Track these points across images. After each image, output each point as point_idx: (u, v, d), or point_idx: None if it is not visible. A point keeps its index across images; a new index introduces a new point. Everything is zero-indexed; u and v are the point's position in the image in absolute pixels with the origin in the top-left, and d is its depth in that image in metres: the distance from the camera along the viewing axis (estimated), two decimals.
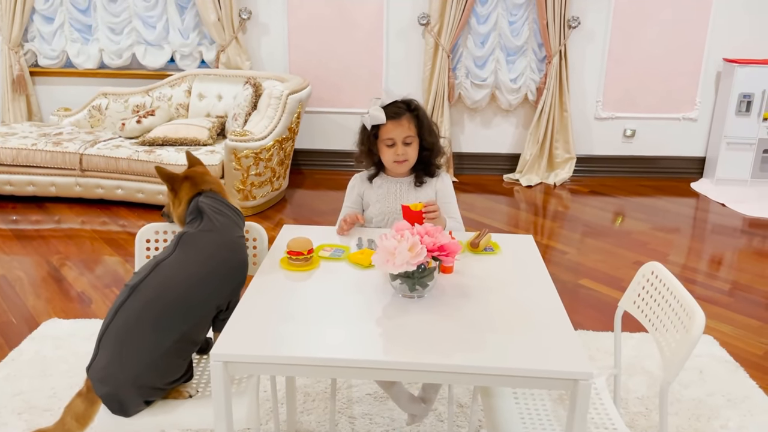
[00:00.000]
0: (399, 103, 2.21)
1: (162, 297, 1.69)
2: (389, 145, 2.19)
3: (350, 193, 2.35)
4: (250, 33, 5.23)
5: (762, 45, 5.14)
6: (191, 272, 1.75)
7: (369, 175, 2.32)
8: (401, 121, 2.18)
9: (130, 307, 1.67)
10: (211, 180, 2.02)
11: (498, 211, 4.70)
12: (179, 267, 1.76)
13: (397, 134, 2.18)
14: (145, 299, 1.68)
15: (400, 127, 2.17)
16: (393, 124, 2.17)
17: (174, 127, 4.60)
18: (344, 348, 1.51)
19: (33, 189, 4.55)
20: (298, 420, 2.36)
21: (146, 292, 1.69)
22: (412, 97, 2.26)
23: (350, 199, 2.35)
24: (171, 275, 1.73)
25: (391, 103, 2.20)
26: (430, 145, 2.24)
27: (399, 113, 2.18)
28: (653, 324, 1.75)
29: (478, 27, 5.11)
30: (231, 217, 1.93)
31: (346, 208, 2.34)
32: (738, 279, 3.62)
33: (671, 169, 5.50)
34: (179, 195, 1.98)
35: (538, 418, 1.76)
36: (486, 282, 1.84)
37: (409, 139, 2.19)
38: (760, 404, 2.49)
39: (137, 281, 1.72)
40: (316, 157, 5.53)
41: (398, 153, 2.19)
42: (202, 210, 1.90)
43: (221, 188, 2.03)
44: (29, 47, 5.32)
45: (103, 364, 1.65)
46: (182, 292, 1.71)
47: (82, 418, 1.68)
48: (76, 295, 3.30)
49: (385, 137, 2.19)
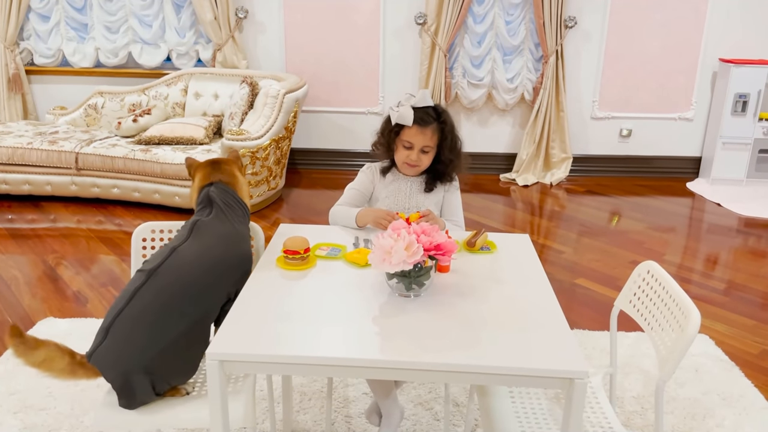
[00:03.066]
0: (430, 110, 2.17)
1: (177, 282, 1.70)
2: (406, 147, 2.19)
3: (362, 177, 2.32)
4: (247, 32, 5.23)
5: (758, 45, 5.16)
6: (205, 259, 1.77)
7: (382, 167, 2.30)
8: (426, 129, 2.15)
9: (147, 292, 1.68)
10: (225, 170, 2.03)
11: (494, 210, 4.71)
12: (195, 252, 1.78)
13: (418, 141, 2.16)
14: (163, 283, 1.69)
15: (422, 135, 2.15)
16: (417, 129, 2.15)
17: (170, 126, 4.59)
18: (341, 347, 1.51)
19: (29, 188, 4.54)
20: (295, 419, 2.36)
21: (164, 277, 1.70)
22: (445, 108, 2.23)
23: (360, 182, 2.31)
24: (188, 260, 1.75)
25: (423, 107, 2.16)
26: (447, 160, 2.23)
27: (427, 121, 2.15)
28: (649, 323, 1.76)
29: (474, 26, 5.11)
30: (237, 210, 1.96)
31: (351, 189, 2.31)
32: (733, 278, 3.63)
33: (667, 168, 5.52)
34: (194, 182, 2.05)
35: (534, 417, 1.77)
36: (482, 281, 1.84)
37: (427, 149, 2.18)
38: (756, 403, 2.50)
39: (155, 266, 1.73)
40: (313, 156, 5.52)
41: (412, 158, 2.19)
42: (213, 200, 1.94)
43: (234, 180, 2.03)
44: (25, 46, 5.31)
45: (114, 349, 1.64)
46: (197, 278, 1.73)
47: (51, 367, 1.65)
48: (72, 295, 3.29)
49: (405, 139, 2.17)
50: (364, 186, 2.31)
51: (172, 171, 4.28)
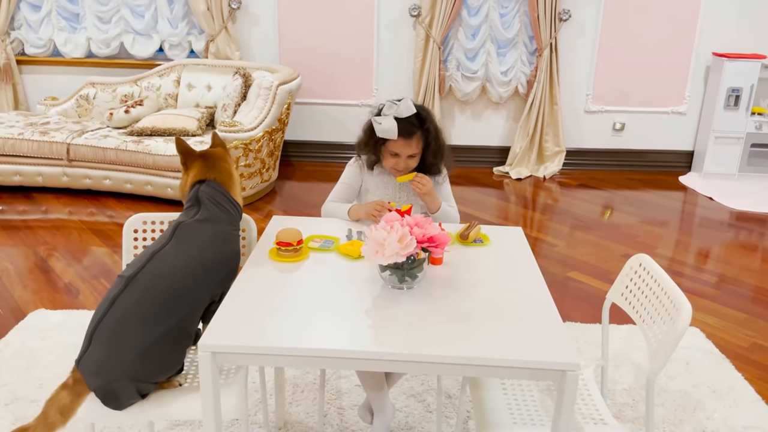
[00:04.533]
0: (414, 119, 2.14)
1: (157, 287, 1.68)
2: (393, 155, 2.19)
3: (349, 170, 2.33)
4: (240, 23, 5.20)
5: (751, 40, 5.17)
6: (186, 262, 1.74)
7: (369, 161, 2.30)
8: (411, 140, 2.15)
9: (126, 299, 1.66)
10: (221, 168, 1.99)
11: (487, 203, 4.71)
12: (175, 257, 1.75)
13: (404, 151, 2.17)
14: (142, 290, 1.67)
15: (407, 146, 2.16)
16: (402, 141, 2.14)
17: (162, 118, 4.56)
18: (333, 339, 1.50)
19: (19, 179, 4.51)
20: (287, 411, 2.36)
21: (142, 283, 1.68)
22: (428, 110, 2.22)
23: (348, 175, 2.32)
24: (167, 265, 1.72)
25: (406, 118, 2.12)
26: (430, 163, 2.24)
27: (411, 132, 2.14)
28: (640, 315, 1.77)
29: (469, 19, 5.10)
30: (228, 211, 1.92)
31: (340, 183, 2.32)
32: (724, 272, 3.65)
33: (660, 162, 5.53)
34: (188, 173, 1.99)
35: (525, 408, 1.77)
36: (475, 273, 1.84)
37: (413, 155, 2.19)
38: (745, 395, 2.52)
39: (133, 272, 1.70)
40: (306, 148, 5.51)
41: (399, 166, 2.20)
42: (201, 200, 1.90)
43: (228, 179, 1.99)
44: (16, 35, 5.26)
45: (96, 357, 1.63)
46: (178, 282, 1.70)
47: (67, 411, 1.66)
48: (63, 286, 3.28)
49: (391, 149, 2.18)
50: (352, 179, 2.32)
51: (164, 162, 4.26)
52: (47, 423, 1.64)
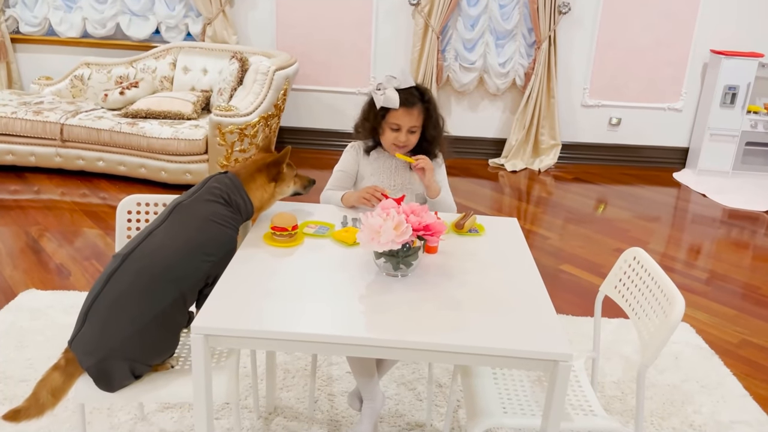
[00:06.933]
0: (414, 90, 2.17)
1: (153, 265, 1.67)
2: (394, 129, 2.18)
3: (346, 156, 2.32)
4: (238, 7, 5.15)
5: (749, 38, 5.17)
6: (182, 241, 1.74)
7: (366, 146, 2.30)
8: (413, 110, 2.15)
9: (122, 276, 1.65)
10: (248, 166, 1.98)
11: (482, 195, 4.71)
12: (170, 235, 1.74)
13: (405, 122, 2.16)
14: (137, 268, 1.67)
15: (409, 116, 2.16)
16: (404, 111, 2.15)
17: (157, 100, 4.53)
18: (326, 324, 1.50)
19: (12, 158, 4.47)
20: (278, 396, 2.36)
21: (138, 261, 1.68)
22: (426, 87, 2.24)
23: (344, 162, 2.32)
24: (162, 244, 1.72)
25: (407, 88, 2.15)
26: (432, 138, 2.24)
27: (413, 102, 2.15)
28: (633, 309, 1.77)
29: (468, 9, 5.08)
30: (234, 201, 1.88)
31: (337, 171, 2.32)
32: (715, 268, 3.67)
33: (654, 158, 5.54)
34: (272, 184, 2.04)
35: (516, 398, 1.78)
36: (470, 263, 1.84)
37: (414, 129, 2.19)
38: (733, 391, 2.54)
39: (129, 250, 1.70)
40: (302, 135, 5.49)
41: (400, 139, 2.19)
42: (205, 183, 1.89)
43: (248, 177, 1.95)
44: (11, 13, 5.20)
45: (90, 335, 1.62)
46: (172, 261, 1.69)
47: (58, 392, 1.65)
48: (54, 267, 3.26)
49: (393, 121, 2.17)
50: (349, 166, 2.32)
51: (158, 145, 4.23)
52: (38, 404, 1.64)
